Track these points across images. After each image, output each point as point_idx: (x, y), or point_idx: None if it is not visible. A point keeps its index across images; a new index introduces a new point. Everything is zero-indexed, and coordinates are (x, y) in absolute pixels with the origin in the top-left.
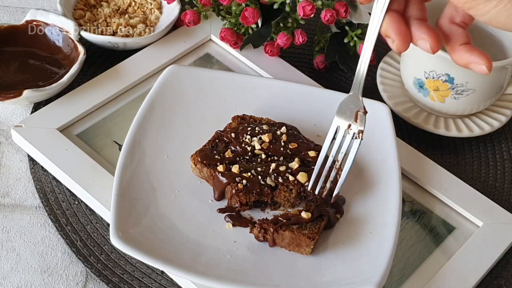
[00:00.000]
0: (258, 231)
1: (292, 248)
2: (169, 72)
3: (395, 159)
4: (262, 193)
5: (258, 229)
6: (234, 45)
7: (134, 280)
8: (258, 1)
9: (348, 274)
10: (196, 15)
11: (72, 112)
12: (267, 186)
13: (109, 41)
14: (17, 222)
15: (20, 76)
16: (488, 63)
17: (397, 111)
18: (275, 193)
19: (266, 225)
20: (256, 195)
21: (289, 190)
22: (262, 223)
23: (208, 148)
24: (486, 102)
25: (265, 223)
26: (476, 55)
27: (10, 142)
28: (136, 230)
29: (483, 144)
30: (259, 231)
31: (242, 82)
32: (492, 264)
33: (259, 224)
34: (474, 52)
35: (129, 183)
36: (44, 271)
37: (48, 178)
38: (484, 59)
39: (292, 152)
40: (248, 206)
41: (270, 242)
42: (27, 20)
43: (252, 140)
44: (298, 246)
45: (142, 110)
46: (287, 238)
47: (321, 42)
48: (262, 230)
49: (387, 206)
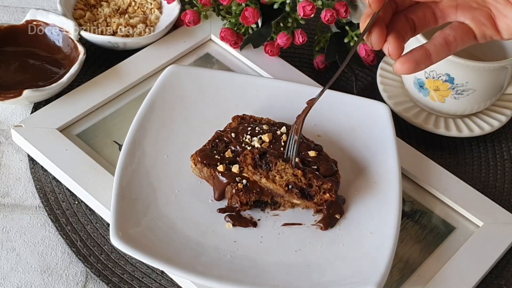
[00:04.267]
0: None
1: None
2: (169, 72)
3: (395, 159)
4: (262, 193)
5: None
6: (234, 45)
7: (134, 280)
8: (258, 1)
9: (348, 274)
10: (196, 15)
11: (72, 112)
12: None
13: (109, 41)
14: (17, 222)
15: (20, 76)
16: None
17: (397, 111)
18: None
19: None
20: (256, 195)
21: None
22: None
23: (208, 148)
24: (486, 102)
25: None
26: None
27: (10, 142)
28: (136, 230)
29: (483, 144)
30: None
31: (242, 82)
32: (492, 264)
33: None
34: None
35: (129, 183)
36: (44, 271)
37: (48, 178)
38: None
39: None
40: (248, 206)
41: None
42: (27, 20)
43: (252, 140)
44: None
45: (142, 110)
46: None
47: (321, 42)
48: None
49: (387, 206)
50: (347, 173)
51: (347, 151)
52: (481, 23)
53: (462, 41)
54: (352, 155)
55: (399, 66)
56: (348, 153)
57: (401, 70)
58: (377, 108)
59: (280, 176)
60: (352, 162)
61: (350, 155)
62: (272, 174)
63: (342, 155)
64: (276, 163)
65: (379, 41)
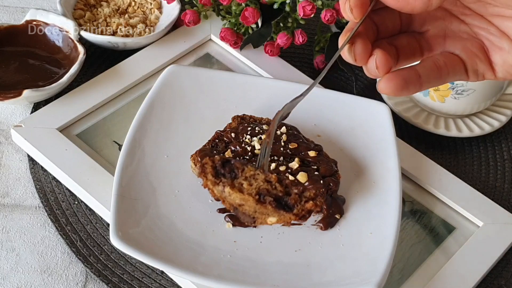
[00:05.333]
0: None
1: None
2: (169, 72)
3: (395, 159)
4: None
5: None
6: (234, 45)
7: (134, 280)
8: (258, 1)
9: (348, 274)
10: (196, 15)
11: (72, 112)
12: None
13: (109, 41)
14: (17, 222)
15: (20, 76)
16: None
17: (397, 111)
18: None
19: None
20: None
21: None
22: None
23: (208, 148)
24: (486, 102)
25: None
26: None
27: (10, 142)
28: (136, 230)
29: (483, 144)
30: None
31: (242, 82)
32: (492, 264)
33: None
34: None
35: (129, 183)
36: (44, 271)
37: (48, 178)
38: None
39: (292, 152)
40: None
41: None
42: (27, 20)
43: (252, 140)
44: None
45: (142, 110)
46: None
47: (321, 42)
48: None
49: (387, 206)
50: (347, 173)
51: (347, 151)
52: (473, 54)
53: (453, 70)
54: (352, 155)
55: (385, 84)
56: (348, 153)
57: (387, 89)
58: (377, 108)
59: (249, 183)
60: (352, 162)
61: (350, 155)
62: (238, 182)
63: (342, 155)
64: (243, 169)
65: (363, 52)
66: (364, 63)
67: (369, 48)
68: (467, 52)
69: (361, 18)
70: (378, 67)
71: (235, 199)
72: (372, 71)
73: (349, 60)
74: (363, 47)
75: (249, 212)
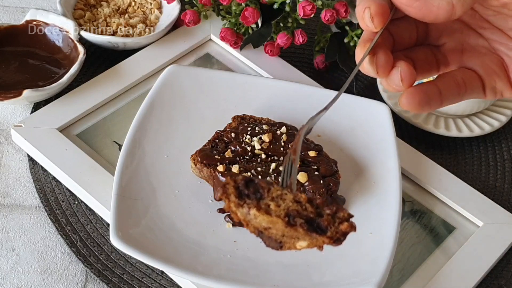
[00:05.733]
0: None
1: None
2: (169, 72)
3: (395, 159)
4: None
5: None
6: (234, 45)
7: (134, 280)
8: (258, 1)
9: (348, 274)
10: (196, 15)
11: (72, 112)
12: None
13: (109, 41)
14: (17, 222)
15: (20, 76)
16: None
17: (397, 111)
18: None
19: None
20: None
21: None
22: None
23: (208, 148)
24: (486, 102)
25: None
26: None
27: (10, 142)
28: (136, 230)
29: (483, 144)
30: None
31: (242, 82)
32: (492, 264)
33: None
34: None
35: (129, 183)
36: (44, 271)
37: (48, 178)
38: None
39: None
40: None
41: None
42: (27, 20)
43: (252, 140)
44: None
45: (142, 110)
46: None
47: (321, 42)
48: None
49: (387, 206)
50: (347, 173)
51: (347, 151)
52: (491, 71)
53: (470, 87)
54: (352, 155)
55: (407, 100)
56: (348, 153)
57: (410, 105)
58: (377, 108)
59: (277, 204)
60: (352, 162)
61: (350, 155)
62: (264, 203)
63: (342, 155)
64: (269, 188)
65: (387, 64)
66: (386, 75)
67: (391, 59)
68: (486, 69)
69: (382, 27)
70: (403, 79)
71: (262, 222)
72: (395, 83)
73: (369, 72)
74: (386, 58)
75: (276, 236)
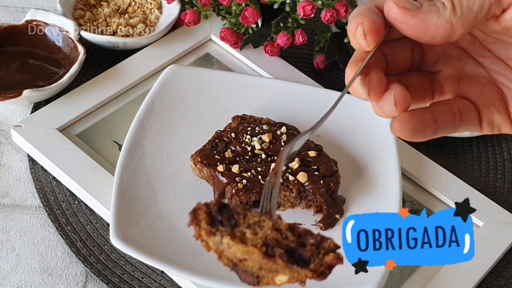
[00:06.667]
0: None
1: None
2: (169, 72)
3: (395, 159)
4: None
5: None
6: (234, 45)
7: (134, 280)
8: (258, 1)
9: (348, 274)
10: (196, 15)
11: (72, 112)
12: None
13: (109, 41)
14: (17, 222)
15: (20, 76)
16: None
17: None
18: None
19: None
20: (256, 195)
21: (289, 190)
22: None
23: (208, 148)
24: None
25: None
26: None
27: (10, 142)
28: (136, 230)
29: (483, 144)
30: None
31: (242, 82)
32: (492, 264)
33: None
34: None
35: (129, 183)
36: (44, 271)
37: (48, 178)
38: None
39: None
40: (248, 206)
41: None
42: (27, 20)
43: (252, 140)
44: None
45: (142, 110)
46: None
47: (321, 42)
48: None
49: (387, 206)
50: (347, 173)
51: (347, 151)
52: (490, 103)
53: (466, 118)
54: (352, 155)
55: (400, 126)
56: (348, 153)
57: (402, 131)
58: None
59: (253, 232)
60: (352, 162)
61: (350, 155)
62: (239, 231)
63: (342, 155)
64: (245, 214)
65: (379, 86)
66: (378, 98)
67: (385, 81)
68: (484, 100)
69: (375, 46)
70: (397, 103)
71: (236, 252)
72: (388, 108)
73: (360, 94)
74: (379, 79)
75: (252, 269)
